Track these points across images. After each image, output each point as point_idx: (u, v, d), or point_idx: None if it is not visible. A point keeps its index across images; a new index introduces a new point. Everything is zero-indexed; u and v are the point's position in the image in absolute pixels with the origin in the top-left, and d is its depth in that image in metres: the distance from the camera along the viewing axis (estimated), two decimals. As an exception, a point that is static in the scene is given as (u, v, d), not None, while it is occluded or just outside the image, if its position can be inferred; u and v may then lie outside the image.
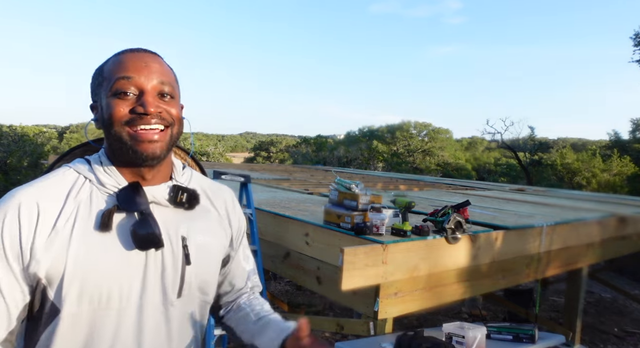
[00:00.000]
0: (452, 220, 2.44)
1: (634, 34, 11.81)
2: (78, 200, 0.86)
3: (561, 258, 3.45)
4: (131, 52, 0.90)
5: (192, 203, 0.95)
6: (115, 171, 0.90)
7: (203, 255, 0.95)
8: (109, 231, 0.85)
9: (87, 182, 0.89)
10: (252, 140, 57.94)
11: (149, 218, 0.87)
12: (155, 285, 0.88)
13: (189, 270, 0.92)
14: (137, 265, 0.87)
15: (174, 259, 0.91)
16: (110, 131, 0.87)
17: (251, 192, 2.97)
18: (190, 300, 0.94)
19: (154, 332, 0.89)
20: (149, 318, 0.88)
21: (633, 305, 6.37)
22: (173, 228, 0.92)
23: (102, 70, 0.90)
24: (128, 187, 0.88)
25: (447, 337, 2.16)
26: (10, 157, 15.00)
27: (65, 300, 0.81)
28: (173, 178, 0.97)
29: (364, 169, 17.03)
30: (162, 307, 0.90)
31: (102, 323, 0.84)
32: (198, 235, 0.95)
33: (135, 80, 0.86)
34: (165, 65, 0.93)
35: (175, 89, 0.93)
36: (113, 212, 0.86)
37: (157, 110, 0.87)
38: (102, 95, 0.88)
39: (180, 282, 0.91)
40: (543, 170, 17.13)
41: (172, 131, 0.90)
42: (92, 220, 0.85)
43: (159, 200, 0.91)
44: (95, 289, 0.83)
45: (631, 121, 17.52)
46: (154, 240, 0.86)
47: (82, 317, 0.83)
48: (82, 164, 0.91)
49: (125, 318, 0.86)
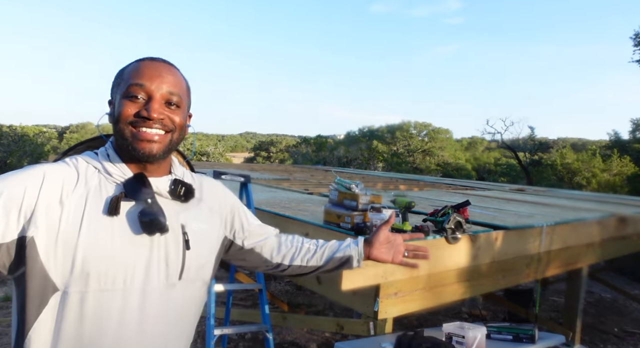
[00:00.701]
0: (452, 220, 2.44)
1: (634, 34, 11.82)
2: (88, 187, 0.94)
3: (561, 258, 3.45)
4: (150, 61, 1.00)
5: (188, 196, 1.04)
6: (121, 163, 0.98)
7: (200, 241, 1.04)
8: (116, 215, 0.92)
9: (95, 172, 0.97)
10: (252, 140, 57.98)
11: (155, 205, 0.96)
12: (159, 267, 0.96)
13: (188, 254, 1.01)
14: (142, 249, 0.95)
15: (175, 244, 0.99)
16: (117, 127, 0.97)
17: (251, 192, 2.97)
18: (189, 282, 1.02)
19: (157, 312, 0.96)
20: (152, 298, 0.95)
21: (633, 305, 6.37)
22: (173, 217, 0.99)
23: (122, 73, 1.01)
24: (134, 177, 0.97)
25: (447, 337, 2.16)
26: (10, 157, 15.02)
27: (72, 280, 0.88)
28: (172, 172, 1.07)
29: (364, 169, 17.04)
30: (164, 289, 0.97)
31: (108, 303, 0.90)
32: (194, 223, 1.04)
33: (146, 88, 0.96)
34: (179, 76, 1.03)
35: (184, 99, 1.02)
36: (120, 198, 0.94)
37: (160, 116, 0.96)
38: (117, 94, 0.99)
39: (182, 265, 0.99)
40: (543, 170, 17.14)
41: (172, 136, 1.00)
42: (101, 206, 0.93)
43: (160, 191, 1.00)
44: (102, 269, 0.89)
45: (631, 121, 17.54)
46: (159, 224, 0.94)
47: (89, 296, 0.89)
48: (90, 155, 1.00)
49: (129, 299, 0.92)
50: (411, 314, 3.19)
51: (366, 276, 2.12)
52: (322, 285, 2.62)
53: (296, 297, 5.85)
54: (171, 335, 1.00)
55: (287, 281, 6.34)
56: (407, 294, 2.42)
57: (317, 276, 2.65)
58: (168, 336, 0.99)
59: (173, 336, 1.00)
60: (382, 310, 2.30)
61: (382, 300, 2.30)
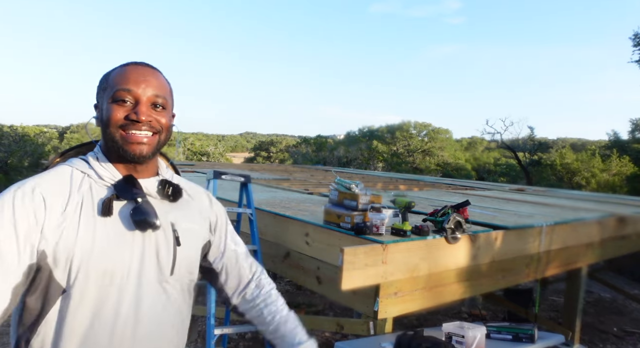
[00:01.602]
0: (452, 220, 2.45)
1: (634, 35, 11.82)
2: (81, 193, 0.98)
3: (561, 258, 3.46)
4: (135, 66, 1.04)
5: (176, 196, 1.08)
6: (111, 166, 1.03)
7: (188, 239, 1.08)
8: (110, 216, 0.97)
9: (85, 177, 1.01)
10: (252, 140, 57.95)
11: (146, 204, 1.00)
12: (152, 263, 1.01)
13: (179, 250, 1.05)
14: (136, 245, 0.99)
15: (166, 241, 1.03)
16: (107, 131, 1.00)
17: (251, 192, 2.97)
18: (180, 278, 1.06)
19: (151, 306, 1.00)
20: (146, 293, 0.99)
21: (632, 305, 6.37)
22: (163, 216, 1.03)
23: (108, 77, 1.04)
24: (124, 179, 1.01)
25: (447, 337, 2.17)
26: (11, 157, 15.02)
27: (75, 279, 0.92)
28: (160, 174, 1.11)
29: (364, 169, 17.03)
30: (158, 284, 1.02)
31: (106, 299, 0.95)
32: (182, 222, 1.09)
33: (133, 92, 1.00)
34: (162, 79, 1.07)
35: (168, 101, 1.07)
36: (112, 200, 0.98)
37: (148, 119, 1.00)
38: (104, 99, 1.02)
39: (173, 261, 1.04)
40: (543, 170, 17.13)
41: (160, 137, 1.04)
42: (95, 208, 0.97)
43: (150, 191, 1.05)
44: (100, 267, 0.93)
45: (630, 121, 17.53)
46: (150, 221, 0.98)
47: (89, 294, 0.93)
48: (79, 161, 1.03)
49: (125, 294, 0.96)
50: (411, 314, 3.19)
51: (366, 276, 2.13)
52: (322, 285, 2.63)
53: (296, 297, 5.85)
54: (165, 329, 1.03)
55: (287, 281, 6.34)
56: (407, 294, 2.43)
57: (317, 276, 2.65)
58: (162, 329, 1.02)
59: (167, 330, 1.04)
60: (382, 309, 2.31)
61: (382, 300, 2.30)
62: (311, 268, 2.69)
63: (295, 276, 2.87)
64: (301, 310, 5.19)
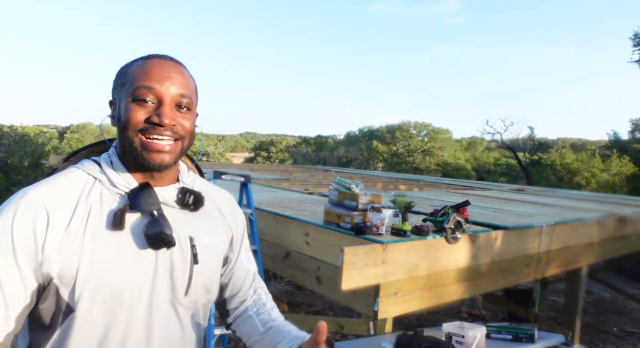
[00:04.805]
0: (451, 220, 2.45)
1: (634, 35, 11.83)
2: (89, 202, 0.87)
3: (561, 258, 3.46)
4: (157, 59, 0.92)
5: (197, 205, 0.97)
6: (126, 172, 0.92)
7: (208, 255, 0.98)
8: (121, 230, 0.87)
9: (97, 183, 0.90)
10: (252, 140, 57.92)
11: (161, 218, 0.89)
12: (165, 283, 0.91)
13: (196, 269, 0.94)
14: (148, 264, 0.89)
15: (182, 258, 0.93)
16: (124, 134, 0.89)
17: (251, 192, 2.97)
18: (196, 299, 0.96)
19: (163, 329, 0.91)
20: (158, 315, 0.90)
21: (632, 305, 6.38)
22: (181, 228, 0.93)
23: (126, 72, 0.92)
24: (139, 188, 0.90)
25: (447, 337, 2.17)
26: (11, 157, 15.00)
27: (79, 299, 0.83)
28: (180, 180, 0.99)
29: (364, 169, 17.02)
30: (170, 305, 0.92)
31: (115, 321, 0.86)
32: (203, 236, 0.98)
33: (156, 90, 0.88)
34: (187, 76, 0.95)
35: (193, 101, 0.95)
36: (125, 212, 0.87)
37: (172, 122, 0.89)
38: (122, 96, 0.90)
39: (188, 281, 0.93)
40: (542, 170, 17.14)
41: (182, 144, 0.92)
42: (104, 220, 0.86)
43: (167, 201, 0.94)
44: (108, 287, 0.84)
45: (630, 121, 17.56)
46: (166, 239, 0.88)
47: (96, 316, 0.84)
48: (91, 164, 0.93)
49: (136, 316, 0.87)
50: (411, 314, 3.20)
51: (366, 276, 2.13)
52: (322, 285, 2.63)
53: (296, 297, 5.86)
54: None
55: (287, 281, 6.34)
56: (407, 294, 2.43)
57: (317, 276, 2.65)
58: None
59: None
60: (382, 309, 2.31)
61: (382, 300, 2.30)
62: (311, 268, 2.69)
63: (295, 276, 2.87)
64: (301, 310, 5.19)
